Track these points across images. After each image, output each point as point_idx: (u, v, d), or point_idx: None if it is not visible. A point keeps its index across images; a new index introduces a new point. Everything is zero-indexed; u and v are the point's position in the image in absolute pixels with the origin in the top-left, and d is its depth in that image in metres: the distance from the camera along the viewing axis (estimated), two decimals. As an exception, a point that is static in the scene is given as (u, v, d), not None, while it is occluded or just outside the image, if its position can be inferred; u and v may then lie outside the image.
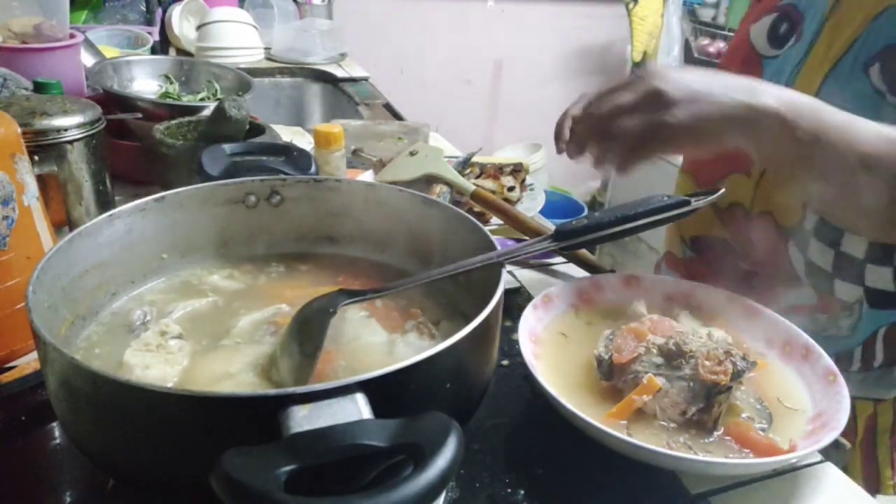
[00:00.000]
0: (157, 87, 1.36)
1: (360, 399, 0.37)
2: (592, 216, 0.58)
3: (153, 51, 1.75)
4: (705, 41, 3.02)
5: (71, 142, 0.78)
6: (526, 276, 0.87)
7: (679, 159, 1.07)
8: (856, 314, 0.84)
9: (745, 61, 0.91)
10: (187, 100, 1.34)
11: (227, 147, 0.73)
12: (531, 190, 1.03)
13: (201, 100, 1.34)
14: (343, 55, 2.03)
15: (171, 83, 1.37)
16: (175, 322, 0.57)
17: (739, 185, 0.88)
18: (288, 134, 1.37)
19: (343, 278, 0.66)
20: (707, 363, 0.57)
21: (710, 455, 0.54)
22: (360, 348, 0.55)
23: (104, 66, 1.26)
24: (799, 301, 0.85)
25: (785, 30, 0.87)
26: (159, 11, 1.97)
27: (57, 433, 0.57)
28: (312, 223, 0.68)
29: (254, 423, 0.37)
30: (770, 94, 0.62)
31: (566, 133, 0.78)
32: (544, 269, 0.90)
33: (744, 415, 0.58)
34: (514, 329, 0.70)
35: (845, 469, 0.60)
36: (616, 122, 0.63)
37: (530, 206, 0.98)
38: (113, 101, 1.13)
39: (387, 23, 2.78)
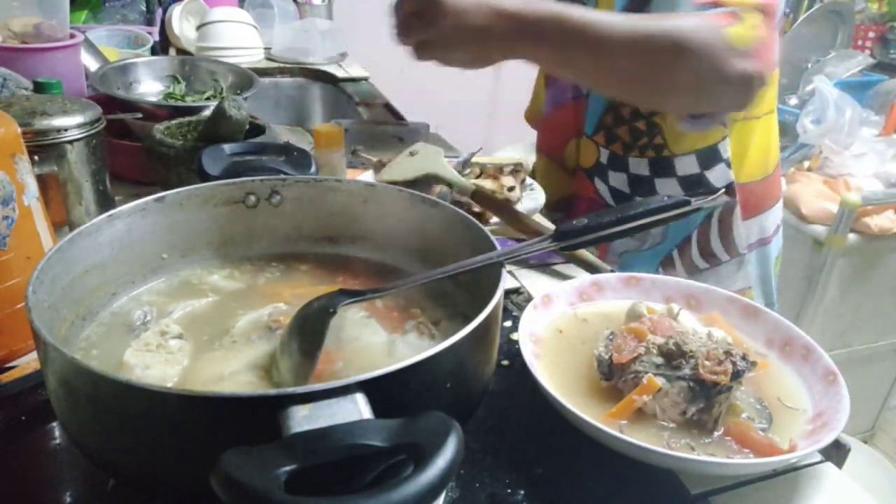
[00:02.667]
0: (161, 87, 1.36)
1: (360, 399, 0.37)
2: (592, 216, 0.58)
3: (153, 51, 1.75)
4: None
5: (71, 142, 0.78)
6: (526, 276, 0.87)
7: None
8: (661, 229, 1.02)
9: None
10: (192, 99, 1.34)
11: (227, 147, 0.73)
12: (531, 190, 1.03)
13: (207, 98, 1.34)
14: (343, 55, 2.03)
15: (179, 83, 1.37)
16: (175, 322, 0.57)
17: (578, 146, 1.09)
18: (288, 134, 1.37)
19: (343, 278, 0.66)
20: (707, 363, 0.57)
21: (710, 455, 0.54)
22: (360, 348, 0.55)
23: (106, 70, 1.26)
24: None
25: None
26: (159, 11, 1.97)
27: (57, 433, 0.57)
28: (312, 223, 0.68)
29: (254, 423, 0.37)
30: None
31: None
32: (544, 269, 0.90)
33: (744, 415, 0.58)
34: (514, 329, 0.70)
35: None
36: (406, 27, 0.82)
37: (530, 206, 0.98)
38: (113, 101, 1.13)
39: (387, 23, 2.78)
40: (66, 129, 0.78)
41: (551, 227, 0.88)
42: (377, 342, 0.56)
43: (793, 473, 0.57)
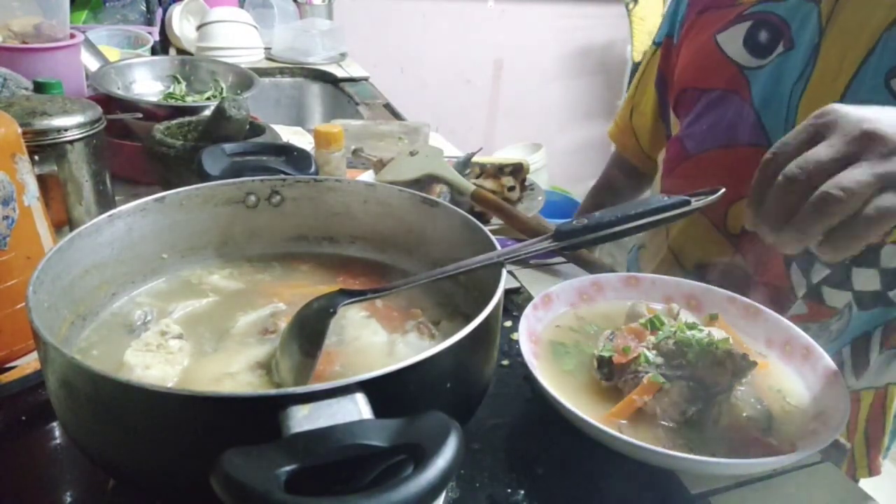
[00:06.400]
0: (161, 87, 1.36)
1: (361, 399, 0.37)
2: (592, 216, 0.58)
3: (153, 51, 1.75)
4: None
5: (71, 142, 0.78)
6: (526, 276, 0.87)
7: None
8: (845, 318, 0.85)
9: (721, 72, 0.88)
10: (192, 99, 1.34)
11: (227, 147, 0.73)
12: (531, 190, 1.03)
13: (207, 98, 1.34)
14: (343, 55, 2.03)
15: (179, 83, 1.37)
16: (175, 322, 0.57)
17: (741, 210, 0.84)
18: (288, 134, 1.37)
19: (343, 278, 0.66)
20: (707, 363, 0.57)
21: (710, 455, 0.54)
22: (361, 348, 0.55)
23: (107, 69, 1.26)
24: (790, 313, 0.85)
25: (767, 38, 0.84)
26: (159, 11, 1.97)
27: (57, 433, 0.57)
28: (312, 223, 0.68)
29: (254, 423, 0.37)
30: None
31: (766, 204, 0.52)
32: (544, 269, 0.90)
33: (744, 415, 0.58)
34: (514, 329, 0.70)
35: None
36: (837, 184, 0.46)
37: (530, 206, 0.98)
38: (113, 101, 1.13)
39: (387, 23, 2.78)
40: (66, 129, 0.78)
41: (551, 227, 0.87)
42: (377, 342, 0.56)
43: (793, 473, 0.57)
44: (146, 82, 1.35)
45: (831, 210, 0.45)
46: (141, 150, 1.00)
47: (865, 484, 0.94)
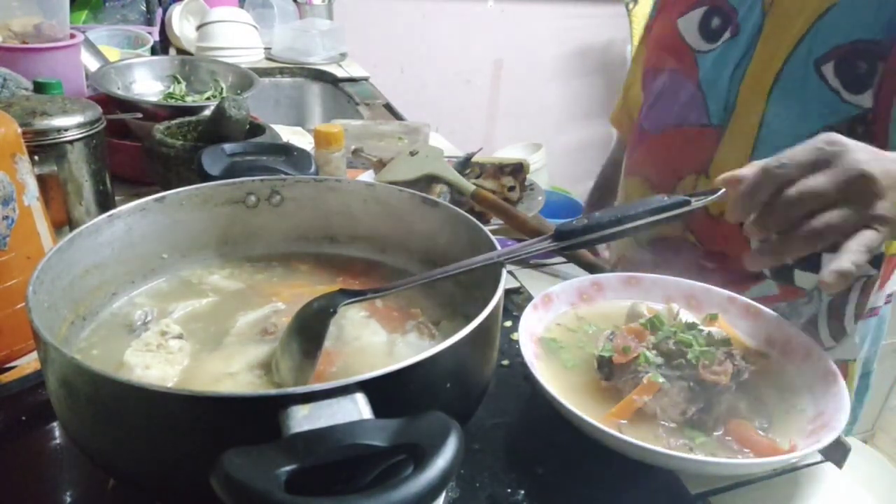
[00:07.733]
0: (161, 87, 1.36)
1: (360, 399, 0.37)
2: (592, 216, 0.58)
3: (153, 51, 1.75)
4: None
5: (71, 142, 0.78)
6: (526, 276, 0.87)
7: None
8: (815, 302, 0.87)
9: (677, 54, 0.92)
10: (192, 99, 1.34)
11: (227, 147, 0.73)
12: (531, 190, 1.03)
13: (207, 98, 1.34)
14: (343, 55, 2.03)
15: (179, 83, 1.37)
16: (175, 322, 0.57)
17: (700, 184, 0.90)
18: (288, 134, 1.37)
19: (343, 278, 0.66)
20: (707, 363, 0.57)
21: (711, 455, 0.54)
22: (360, 348, 0.55)
23: (107, 69, 1.26)
24: (759, 293, 0.86)
25: (718, 24, 0.88)
26: (159, 11, 1.97)
27: (57, 433, 0.57)
28: (312, 223, 0.68)
29: (254, 423, 0.37)
30: None
31: (750, 209, 0.58)
32: (544, 269, 0.90)
33: (744, 415, 0.58)
34: (514, 329, 0.70)
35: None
36: (816, 216, 0.54)
37: (530, 206, 0.98)
38: (113, 101, 1.13)
39: (387, 23, 2.78)
40: (66, 129, 0.78)
41: (551, 227, 0.87)
42: (377, 342, 0.56)
43: (793, 473, 0.57)
44: (146, 82, 1.35)
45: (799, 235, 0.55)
46: (141, 150, 1.00)
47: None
